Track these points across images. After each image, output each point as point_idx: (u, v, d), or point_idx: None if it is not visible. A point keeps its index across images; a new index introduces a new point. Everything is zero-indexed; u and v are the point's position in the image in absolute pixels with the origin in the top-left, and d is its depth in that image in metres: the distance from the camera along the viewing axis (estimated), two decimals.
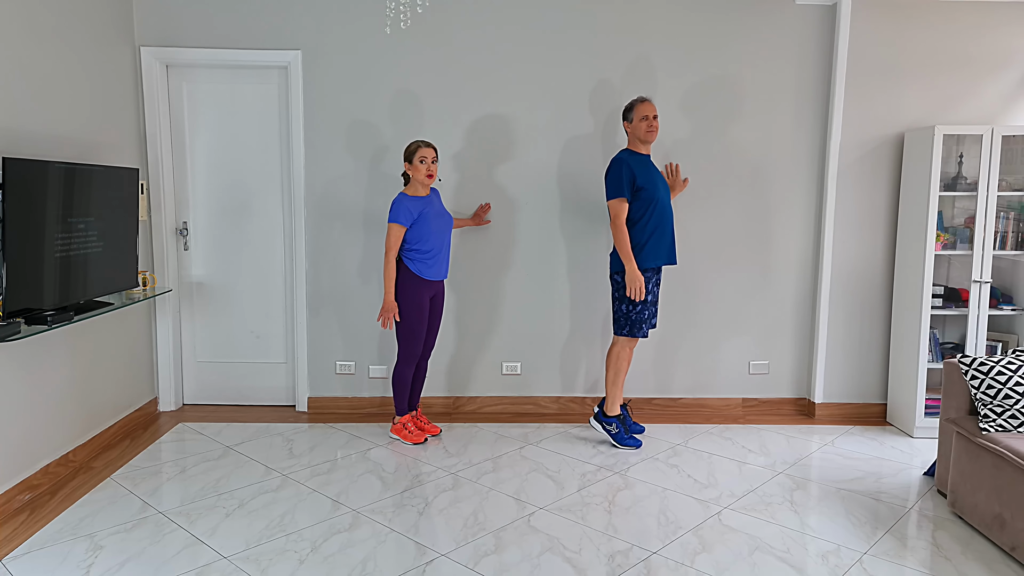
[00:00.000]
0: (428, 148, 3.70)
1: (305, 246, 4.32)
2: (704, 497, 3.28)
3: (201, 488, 3.31)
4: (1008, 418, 2.95)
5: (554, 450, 3.85)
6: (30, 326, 3.02)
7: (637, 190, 3.70)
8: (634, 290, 3.69)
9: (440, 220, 3.77)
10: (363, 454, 3.76)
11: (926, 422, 4.06)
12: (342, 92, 4.22)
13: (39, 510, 3.09)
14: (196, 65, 4.25)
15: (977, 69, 4.15)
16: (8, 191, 2.84)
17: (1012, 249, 4.01)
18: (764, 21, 4.21)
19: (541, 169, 4.29)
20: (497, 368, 4.45)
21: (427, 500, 3.21)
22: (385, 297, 3.72)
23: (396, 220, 3.67)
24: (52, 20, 3.38)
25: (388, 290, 3.72)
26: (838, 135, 4.20)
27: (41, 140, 3.30)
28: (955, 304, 4.10)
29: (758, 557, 2.75)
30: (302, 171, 4.26)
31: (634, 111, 3.77)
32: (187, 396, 4.53)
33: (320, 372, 4.44)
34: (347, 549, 2.77)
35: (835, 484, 3.43)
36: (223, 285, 4.44)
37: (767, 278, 4.39)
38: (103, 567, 2.63)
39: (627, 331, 3.81)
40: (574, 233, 4.34)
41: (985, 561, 2.73)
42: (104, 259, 3.49)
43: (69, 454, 3.51)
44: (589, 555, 2.75)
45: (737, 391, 4.49)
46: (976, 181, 4.00)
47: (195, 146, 4.33)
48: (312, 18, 4.17)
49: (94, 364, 3.74)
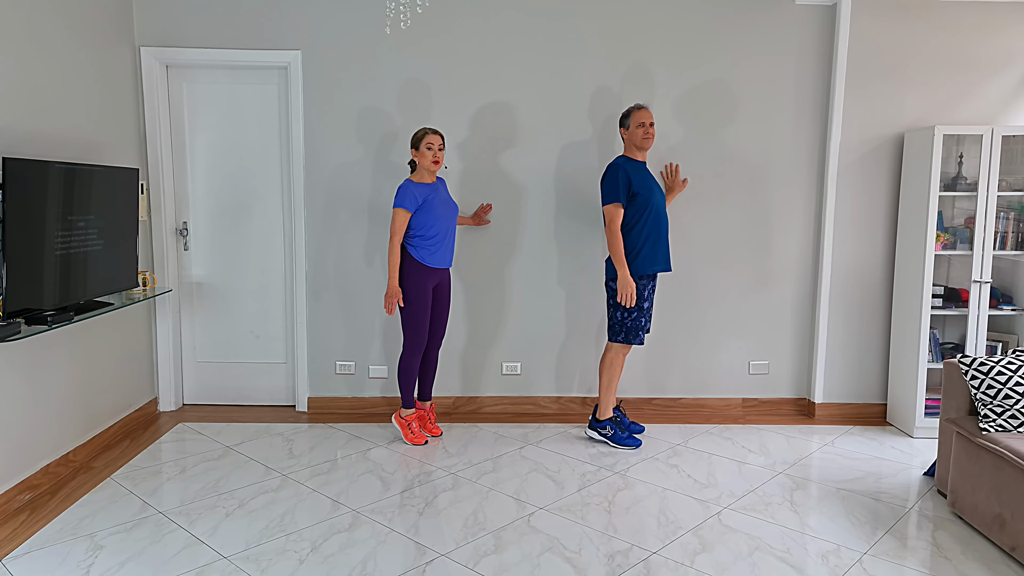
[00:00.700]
0: (435, 135, 3.71)
1: (305, 246, 4.32)
2: (704, 497, 3.28)
3: (201, 488, 3.31)
4: (1008, 418, 2.95)
5: (554, 450, 3.85)
6: (30, 326, 3.02)
7: (633, 196, 3.70)
8: (625, 296, 3.68)
9: (445, 208, 3.77)
10: (363, 454, 3.76)
11: (926, 422, 4.06)
12: (342, 92, 4.22)
13: (39, 510, 3.09)
14: (196, 65, 4.25)
15: (977, 69, 4.15)
16: (8, 191, 2.84)
17: (1012, 249, 4.01)
18: (764, 21, 4.21)
19: (539, 173, 4.29)
20: (497, 368, 4.45)
21: (427, 500, 3.21)
22: (389, 282, 3.72)
23: (401, 205, 3.67)
24: (52, 20, 3.38)
25: (392, 275, 3.71)
26: (838, 135, 4.20)
27: (41, 140, 3.30)
28: (955, 304, 4.10)
29: (758, 557, 2.75)
30: (302, 171, 4.26)
31: (631, 118, 3.77)
32: (187, 396, 4.53)
33: (320, 372, 4.44)
34: (347, 549, 2.77)
35: (835, 484, 3.43)
36: (223, 285, 4.44)
37: (767, 278, 4.39)
38: (103, 567, 2.63)
39: (622, 338, 3.81)
40: (573, 235, 4.34)
41: (985, 561, 2.73)
42: (104, 259, 3.49)
43: (69, 454, 3.51)
44: (589, 555, 2.75)
45: (737, 391, 4.49)
46: (976, 181, 4.00)
47: (195, 146, 4.33)
48: (312, 18, 4.17)
49: (94, 364, 3.74)
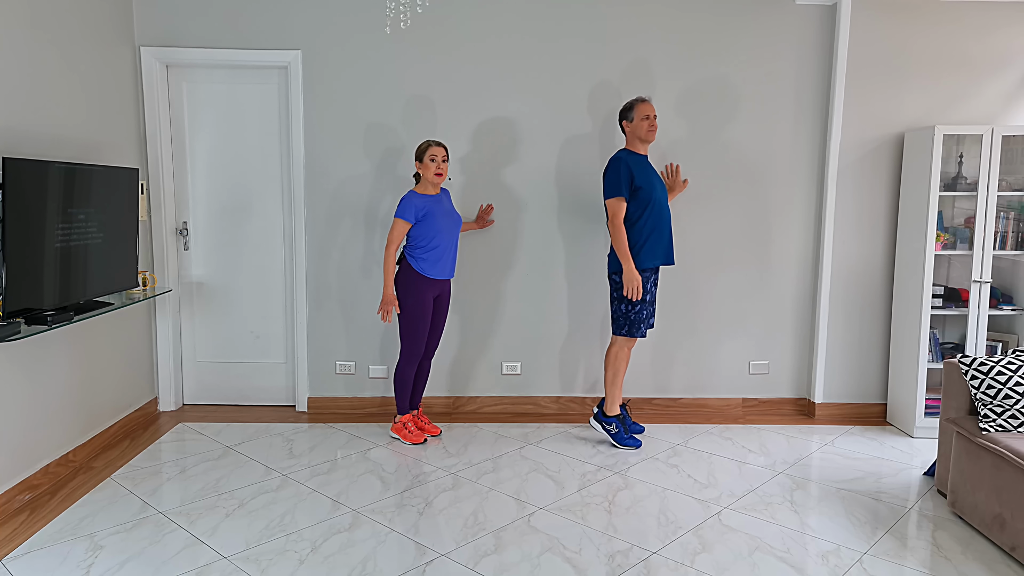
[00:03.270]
0: (438, 147, 3.72)
1: (305, 246, 4.32)
2: (704, 497, 3.28)
3: (201, 488, 3.31)
4: (1008, 418, 2.95)
5: (554, 450, 3.85)
6: (30, 326, 3.02)
7: (635, 190, 3.69)
8: (631, 290, 3.68)
9: (448, 219, 3.78)
10: (363, 454, 3.76)
11: (926, 422, 4.06)
12: (342, 92, 4.22)
13: (39, 510, 3.09)
14: (196, 65, 4.25)
15: (977, 69, 4.15)
16: (8, 191, 2.84)
17: (1012, 249, 4.01)
18: (764, 21, 4.21)
19: (540, 170, 4.29)
20: (497, 368, 4.45)
21: (427, 500, 3.21)
22: (384, 290, 3.73)
23: (402, 216, 3.68)
24: (52, 20, 3.38)
25: (387, 284, 3.72)
26: (838, 135, 4.20)
27: (41, 140, 3.30)
28: (955, 304, 4.10)
29: (758, 557, 2.75)
30: (302, 171, 4.26)
31: (634, 110, 3.76)
32: (187, 396, 4.53)
33: (320, 372, 4.44)
34: (347, 549, 2.77)
35: (835, 484, 3.43)
36: (223, 285, 4.44)
37: (767, 278, 4.39)
38: (103, 567, 2.63)
39: (626, 331, 3.81)
40: (573, 233, 4.34)
41: (985, 561, 2.73)
42: (104, 259, 3.49)
43: (69, 454, 3.51)
44: (589, 555, 2.75)
45: (737, 391, 4.49)
46: (976, 181, 4.00)
47: (195, 146, 4.33)
48: (312, 18, 4.17)
49: (94, 364, 3.74)
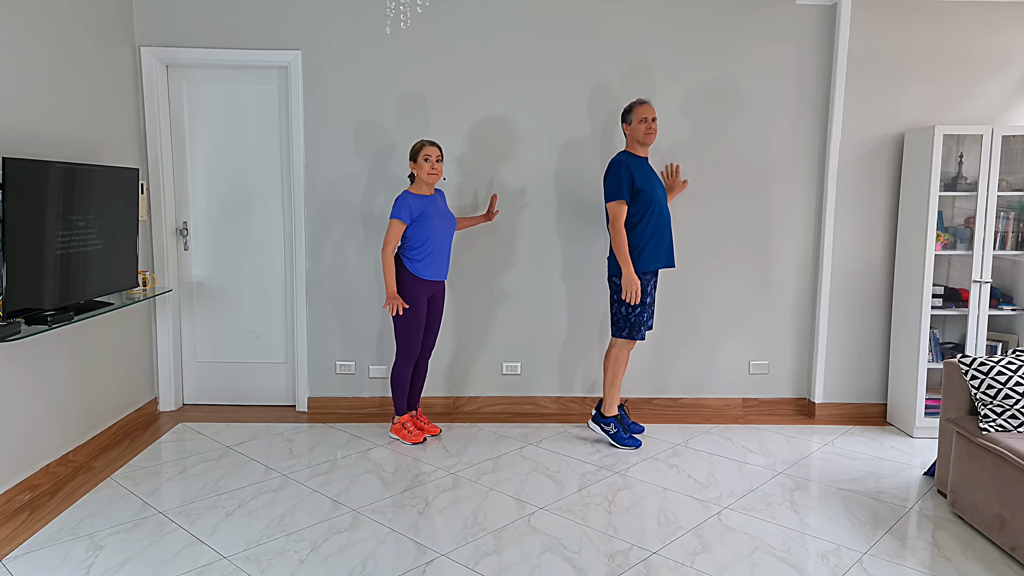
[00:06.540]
0: (432, 147, 3.72)
1: (305, 246, 4.32)
2: (704, 497, 3.28)
3: (201, 488, 3.31)
4: (1008, 418, 2.95)
5: (554, 450, 3.85)
6: (30, 326, 3.02)
7: (636, 193, 3.69)
8: (630, 293, 3.68)
9: (442, 220, 3.78)
10: (363, 454, 3.76)
11: (926, 422, 4.06)
12: (342, 92, 4.22)
13: (39, 510, 3.09)
14: (196, 65, 4.25)
15: (977, 69, 4.15)
16: (8, 191, 2.84)
17: (1012, 249, 4.01)
18: (764, 21, 4.21)
19: (539, 171, 4.29)
20: (497, 368, 4.45)
21: (427, 500, 3.21)
22: (387, 288, 3.73)
23: (397, 216, 3.68)
24: (52, 20, 3.38)
25: (389, 282, 3.72)
26: (838, 135, 4.20)
27: (41, 140, 3.30)
28: (955, 304, 4.10)
29: (758, 557, 2.75)
30: (302, 171, 4.26)
31: (633, 113, 3.76)
32: (187, 396, 4.53)
33: (320, 372, 4.44)
34: (347, 549, 2.77)
35: (835, 484, 3.43)
36: (223, 285, 4.44)
37: (767, 278, 4.39)
38: (103, 567, 2.63)
39: (626, 333, 3.81)
40: (573, 233, 4.34)
41: (985, 561, 2.73)
42: (104, 259, 3.49)
43: (69, 454, 3.51)
44: (589, 555, 2.75)
45: (737, 391, 4.49)
46: (976, 181, 4.00)
47: (195, 146, 4.33)
48: (312, 18, 4.17)
49: (94, 364, 3.74)
